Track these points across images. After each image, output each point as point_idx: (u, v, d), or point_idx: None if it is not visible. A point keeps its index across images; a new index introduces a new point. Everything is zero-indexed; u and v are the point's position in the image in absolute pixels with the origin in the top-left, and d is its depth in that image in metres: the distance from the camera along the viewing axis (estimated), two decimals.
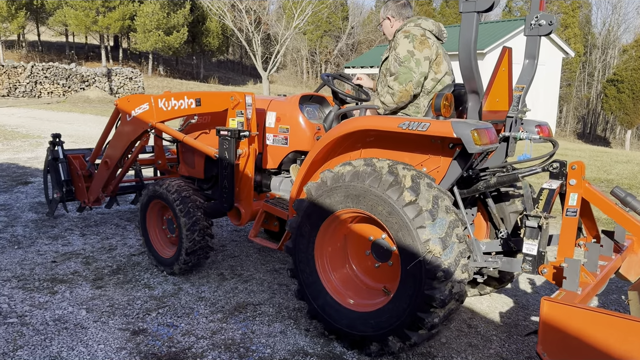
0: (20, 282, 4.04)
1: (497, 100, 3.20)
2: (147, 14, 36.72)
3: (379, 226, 3.08)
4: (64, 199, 5.45)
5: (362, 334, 3.02)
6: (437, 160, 3.08)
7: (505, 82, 3.24)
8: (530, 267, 2.82)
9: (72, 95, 27.91)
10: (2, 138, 12.45)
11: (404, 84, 3.37)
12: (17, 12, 33.20)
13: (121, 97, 4.85)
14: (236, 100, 4.01)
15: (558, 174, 3.09)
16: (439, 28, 3.62)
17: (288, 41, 31.99)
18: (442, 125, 2.83)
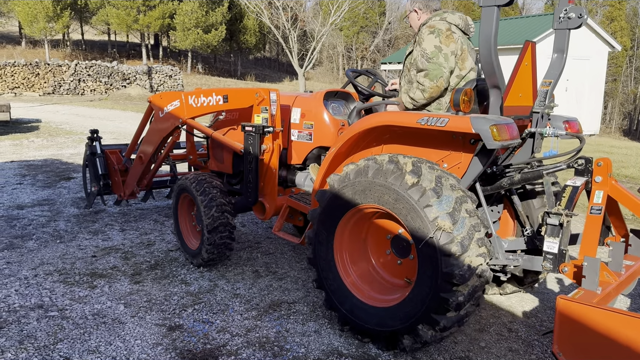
0: (61, 276, 4.14)
1: (519, 95, 3.15)
2: (186, 12, 37.27)
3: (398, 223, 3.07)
4: (101, 192, 5.65)
5: (393, 329, 2.98)
6: (458, 156, 3.04)
7: (529, 77, 3.19)
8: (551, 265, 2.77)
9: (114, 93, 28.65)
10: (46, 134, 12.87)
11: (434, 80, 3.30)
12: (62, 12, 34.22)
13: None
14: (261, 97, 4.10)
15: (583, 171, 3.05)
16: (466, 22, 3.54)
17: (324, 38, 31.94)
18: (461, 120, 2.80)
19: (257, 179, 4.17)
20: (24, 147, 10.81)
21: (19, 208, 6.11)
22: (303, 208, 3.99)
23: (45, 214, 5.92)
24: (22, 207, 6.17)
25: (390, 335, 3.01)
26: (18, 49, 38.00)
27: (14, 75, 27.25)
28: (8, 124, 14.34)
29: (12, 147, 10.84)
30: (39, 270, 4.25)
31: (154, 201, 6.55)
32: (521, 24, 22.31)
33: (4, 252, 4.65)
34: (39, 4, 32.56)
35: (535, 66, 3.20)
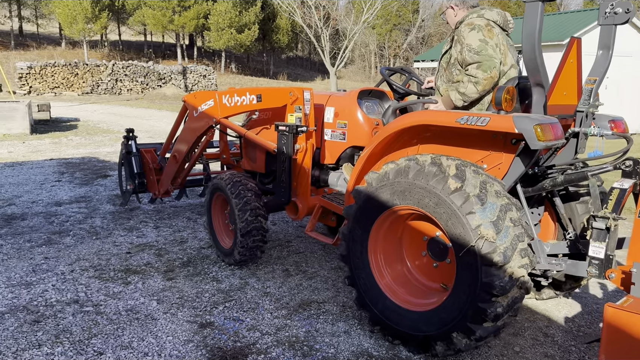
0: (97, 272, 4.23)
1: (564, 93, 3.04)
2: (220, 12, 37.72)
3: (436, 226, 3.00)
4: (136, 190, 5.76)
5: (426, 334, 2.91)
6: (499, 156, 2.92)
7: (574, 75, 3.09)
8: (597, 271, 2.65)
9: (150, 92, 29.23)
10: (84, 133, 13.21)
11: (488, 71, 3.19)
12: (100, 13, 35.10)
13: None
14: (294, 96, 4.07)
15: (631, 172, 2.91)
16: (505, 18, 3.45)
17: (356, 36, 31.84)
18: (503, 120, 2.70)
19: (290, 178, 4.15)
20: (62, 145, 11.13)
21: (57, 205, 6.29)
22: (336, 208, 3.96)
23: (82, 210, 6.07)
24: (60, 204, 6.34)
25: (424, 340, 2.95)
26: (58, 50, 39.17)
27: (54, 76, 28.10)
28: (48, 123, 14.80)
29: (51, 145, 11.17)
30: (76, 265, 4.35)
31: (187, 199, 6.63)
32: (560, 20, 21.74)
33: (42, 247, 4.79)
34: (79, 6, 33.47)
35: (580, 63, 3.09)
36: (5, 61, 31.86)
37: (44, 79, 27.83)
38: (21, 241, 4.93)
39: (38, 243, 4.89)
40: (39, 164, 8.91)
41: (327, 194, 4.31)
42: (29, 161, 9.20)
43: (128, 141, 5.81)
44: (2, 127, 12.22)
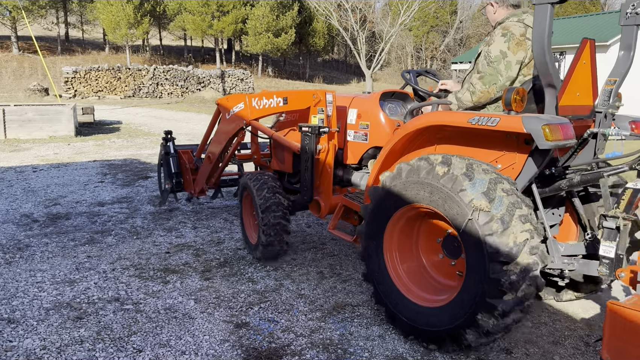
0: (137, 271, 4.34)
1: (577, 94, 3.03)
2: (258, 17, 38.21)
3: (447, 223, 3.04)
4: (174, 189, 6.03)
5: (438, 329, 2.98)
6: (513, 157, 2.97)
7: (588, 75, 3.06)
8: (607, 270, 2.66)
9: (189, 96, 29.82)
10: (126, 135, 13.58)
11: (487, 85, 3.20)
12: (142, 18, 36.09)
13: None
14: (317, 98, 4.19)
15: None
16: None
17: (393, 38, 31.67)
18: (513, 120, 2.74)
19: (312, 177, 4.29)
20: (105, 147, 11.47)
21: (99, 205, 6.49)
22: (357, 207, 4.01)
23: (123, 211, 6.24)
24: (102, 204, 6.54)
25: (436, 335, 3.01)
26: (102, 55, 40.44)
27: (98, 80, 29.02)
28: (92, 125, 15.29)
29: (95, 147, 11.53)
30: (117, 264, 4.48)
31: (224, 200, 6.74)
32: (603, 21, 21.08)
33: (85, 246, 4.95)
34: (122, 12, 34.50)
35: (594, 64, 3.08)
36: (52, 66, 33.09)
37: (88, 82, 28.78)
38: (65, 240, 5.11)
39: (81, 242, 5.06)
40: (83, 165, 9.21)
41: (350, 193, 4.40)
42: (74, 162, 9.53)
43: (166, 143, 6.07)
44: (49, 130, 12.69)
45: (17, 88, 30.03)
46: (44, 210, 6.20)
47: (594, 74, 3.10)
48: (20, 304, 3.65)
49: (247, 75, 33.26)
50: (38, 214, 6.03)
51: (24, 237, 5.16)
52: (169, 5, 39.05)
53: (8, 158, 9.88)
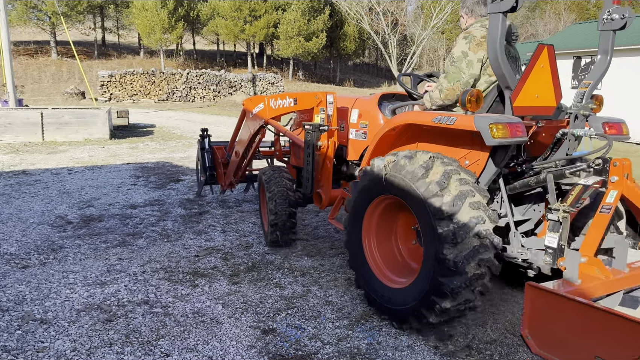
0: (166, 274, 4.37)
1: (536, 96, 3.24)
2: (289, 21, 38.45)
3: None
4: (208, 182, 6.61)
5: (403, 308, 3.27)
6: (477, 154, 3.27)
7: (548, 79, 3.25)
8: (551, 259, 2.85)
9: (221, 100, 30.20)
10: (159, 139, 13.80)
11: (452, 82, 3.49)
12: (176, 23, 36.76)
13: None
14: (319, 99, 4.60)
15: (601, 171, 3.12)
16: (509, 30, 3.54)
17: (425, 41, 31.38)
18: (467, 119, 3.05)
19: (313, 171, 4.68)
20: (139, 150, 11.68)
21: (132, 207, 6.58)
22: None
23: (155, 213, 6.32)
24: (135, 206, 6.64)
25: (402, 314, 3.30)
26: (137, 59, 41.33)
27: (133, 83, 29.66)
28: (126, 129, 15.60)
29: (129, 149, 11.75)
30: (147, 267, 4.53)
31: (253, 204, 6.76)
32: None
33: (117, 248, 5.02)
34: (156, 17, 35.20)
35: (555, 68, 3.26)
36: (89, 70, 33.98)
37: (123, 86, 29.44)
38: (98, 242, 5.20)
39: (113, 244, 5.14)
40: (117, 168, 9.39)
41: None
42: (108, 165, 9.72)
43: (202, 139, 6.67)
44: (84, 132, 13.01)
45: (55, 91, 30.98)
46: (77, 212, 6.33)
47: (555, 77, 3.29)
48: (52, 304, 3.71)
49: (278, 79, 33.49)
50: (72, 215, 6.16)
51: (58, 239, 5.27)
52: (202, 10, 39.66)
53: (45, 160, 10.15)
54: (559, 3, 55.98)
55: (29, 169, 9.14)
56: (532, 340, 2.45)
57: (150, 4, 35.32)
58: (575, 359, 2.29)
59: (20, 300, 3.77)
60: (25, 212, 6.24)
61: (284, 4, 40.00)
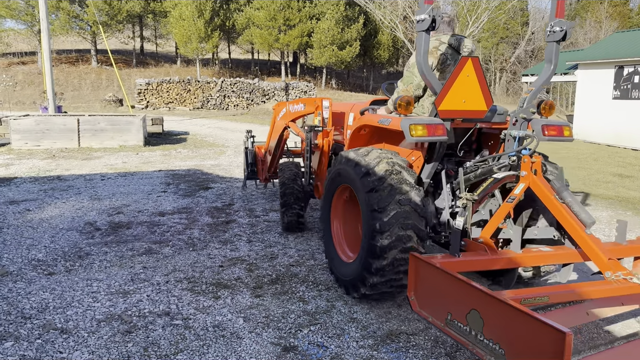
0: (190, 284, 4.31)
1: (463, 101, 3.70)
2: (323, 30, 38.52)
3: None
4: (249, 177, 7.61)
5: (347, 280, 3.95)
6: (417, 152, 3.95)
7: (475, 86, 3.70)
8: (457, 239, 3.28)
9: (254, 108, 30.43)
10: (192, 146, 13.93)
11: (405, 84, 4.10)
12: (212, 33, 37.28)
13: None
14: (316, 104, 5.48)
15: (516, 166, 3.63)
16: (461, 43, 4.12)
17: None
18: (397, 120, 3.69)
19: (310, 166, 5.64)
20: (171, 157, 11.79)
21: (160, 215, 6.59)
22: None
23: (182, 221, 6.30)
24: (163, 214, 6.64)
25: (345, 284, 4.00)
26: (174, 67, 42.12)
27: (169, 92, 30.18)
28: (160, 136, 15.82)
29: (161, 157, 11.88)
30: (171, 277, 4.48)
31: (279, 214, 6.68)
32: None
33: (142, 256, 4.99)
34: (193, 26, 35.81)
35: (481, 76, 3.69)
36: (127, 78, 34.82)
37: (160, 94, 29.99)
38: (124, 249, 5.19)
39: (139, 252, 5.12)
40: (148, 175, 9.47)
41: None
42: (140, 171, 9.83)
43: (247, 139, 7.62)
44: (119, 139, 13.23)
45: (94, 99, 31.82)
46: (107, 218, 6.36)
47: (483, 84, 3.72)
48: (74, 313, 3.69)
49: (311, 87, 33.54)
50: (101, 222, 6.19)
51: (86, 245, 5.29)
52: (238, 20, 40.15)
53: (80, 166, 10.34)
54: (599, 11, 54.55)
55: (63, 175, 9.31)
56: (415, 301, 2.99)
57: (188, 14, 35.95)
58: (438, 316, 2.79)
59: (43, 308, 3.76)
60: (56, 218, 6.32)
61: (318, 14, 40.11)
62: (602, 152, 15.86)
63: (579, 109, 20.20)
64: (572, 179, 10.50)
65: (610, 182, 10.25)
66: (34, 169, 9.87)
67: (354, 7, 39.84)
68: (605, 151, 16.30)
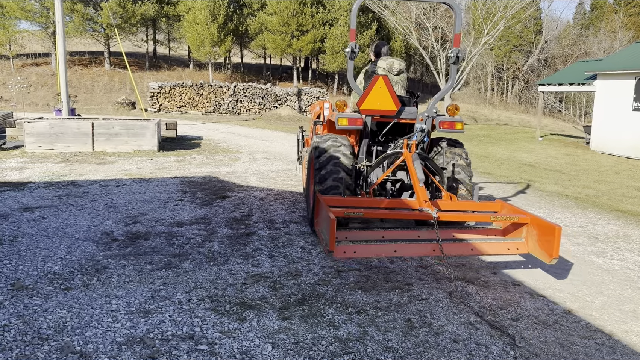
0: (212, 303, 4.11)
1: (378, 103, 5.58)
2: (336, 36, 38.40)
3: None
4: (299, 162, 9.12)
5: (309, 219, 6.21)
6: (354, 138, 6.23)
7: (385, 94, 5.56)
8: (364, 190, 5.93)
9: (266, 113, 30.28)
10: (206, 152, 13.76)
11: (356, 93, 6.04)
12: (225, 37, 37.27)
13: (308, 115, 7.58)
14: (320, 104, 7.42)
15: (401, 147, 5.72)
16: (391, 66, 6.23)
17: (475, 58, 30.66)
18: (334, 115, 5.79)
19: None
20: (186, 164, 11.62)
21: (178, 225, 6.40)
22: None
23: (201, 232, 6.12)
24: (181, 224, 6.46)
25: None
26: (186, 71, 42.14)
27: (182, 95, 30.12)
28: (174, 141, 15.67)
29: (176, 162, 11.72)
30: (193, 294, 4.28)
31: (300, 226, 6.47)
32: None
33: (162, 271, 4.80)
34: (206, 30, 35.81)
35: (390, 88, 5.58)
36: (139, 81, 34.83)
37: (172, 98, 29.94)
38: (143, 263, 5.00)
39: (158, 266, 4.93)
40: (164, 182, 9.30)
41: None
42: (155, 178, 9.66)
43: (300, 133, 8.94)
44: (134, 144, 13.10)
45: (107, 101, 31.84)
46: (124, 228, 6.19)
47: (392, 93, 5.59)
48: (93, 335, 3.49)
49: (323, 93, 33.36)
50: (118, 232, 6.02)
51: (103, 257, 5.11)
52: (251, 25, 40.14)
53: (94, 171, 10.20)
54: (614, 20, 54.05)
55: (77, 180, 9.17)
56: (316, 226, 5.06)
57: (201, 18, 35.94)
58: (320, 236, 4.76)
59: (61, 328, 3.57)
60: (72, 227, 6.15)
61: (331, 19, 40.01)
62: (623, 165, 15.53)
63: (598, 120, 19.86)
64: (595, 193, 10.22)
65: (636, 197, 9.96)
66: (47, 173, 9.74)
67: (367, 13, 39.70)
68: (625, 164, 15.96)
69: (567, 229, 7.11)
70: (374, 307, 4.16)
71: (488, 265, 5.36)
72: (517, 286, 4.82)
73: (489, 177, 11.73)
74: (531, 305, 4.38)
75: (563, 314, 4.26)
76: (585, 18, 62.84)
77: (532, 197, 9.42)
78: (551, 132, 29.43)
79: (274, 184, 9.41)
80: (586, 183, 11.63)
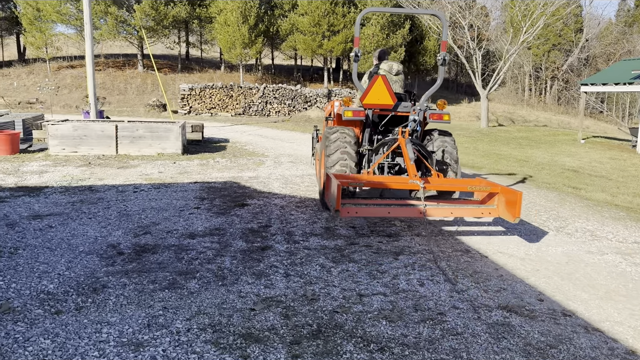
0: (214, 335, 3.60)
1: (378, 98, 6.67)
2: (368, 36, 37.72)
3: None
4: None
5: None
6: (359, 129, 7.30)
7: (384, 90, 6.64)
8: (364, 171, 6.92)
9: (295, 115, 29.88)
10: (231, 155, 13.37)
11: (360, 91, 6.97)
12: (256, 39, 37.07)
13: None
14: (332, 103, 8.40)
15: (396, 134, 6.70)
16: (391, 68, 7.50)
17: (513, 57, 29.52)
18: (341, 109, 6.95)
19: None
20: (209, 168, 11.23)
21: (190, 237, 5.95)
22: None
23: (214, 245, 5.65)
24: (193, 235, 6.01)
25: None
26: (217, 73, 42.16)
27: (212, 97, 30.01)
28: (200, 143, 15.37)
29: (199, 166, 11.34)
30: (194, 322, 3.79)
31: (320, 239, 5.93)
32: None
33: (164, 291, 4.34)
34: (237, 32, 35.68)
35: (388, 85, 6.64)
36: (172, 82, 34.95)
37: (202, 100, 29.86)
38: (145, 281, 4.55)
39: (161, 286, 4.47)
40: (183, 187, 8.91)
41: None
42: (175, 183, 9.28)
43: (315, 131, 9.84)
44: (157, 147, 12.81)
45: (139, 103, 32.03)
46: (132, 240, 5.77)
47: (389, 89, 6.65)
48: None
49: (353, 94, 32.78)
50: (125, 244, 5.60)
51: (104, 275, 4.68)
52: (282, 26, 39.85)
53: (114, 175, 9.89)
54: None
55: (95, 185, 8.85)
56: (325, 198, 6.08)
57: (232, 20, 35.83)
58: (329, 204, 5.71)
59: None
60: (78, 238, 5.76)
61: (363, 19, 39.37)
62: None
63: None
64: None
65: None
66: (67, 178, 9.47)
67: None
68: None
69: (620, 245, 6.36)
70: (400, 342, 3.57)
71: (533, 290, 4.70)
72: (568, 317, 4.16)
73: (530, 183, 10.93)
74: (586, 343, 3.72)
75: (626, 355, 3.59)
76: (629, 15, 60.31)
77: (578, 207, 8.62)
78: (593, 134, 28.05)
79: (297, 190, 8.90)
80: (637, 191, 10.71)
